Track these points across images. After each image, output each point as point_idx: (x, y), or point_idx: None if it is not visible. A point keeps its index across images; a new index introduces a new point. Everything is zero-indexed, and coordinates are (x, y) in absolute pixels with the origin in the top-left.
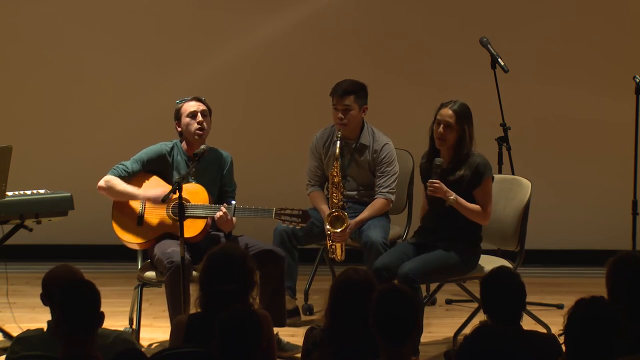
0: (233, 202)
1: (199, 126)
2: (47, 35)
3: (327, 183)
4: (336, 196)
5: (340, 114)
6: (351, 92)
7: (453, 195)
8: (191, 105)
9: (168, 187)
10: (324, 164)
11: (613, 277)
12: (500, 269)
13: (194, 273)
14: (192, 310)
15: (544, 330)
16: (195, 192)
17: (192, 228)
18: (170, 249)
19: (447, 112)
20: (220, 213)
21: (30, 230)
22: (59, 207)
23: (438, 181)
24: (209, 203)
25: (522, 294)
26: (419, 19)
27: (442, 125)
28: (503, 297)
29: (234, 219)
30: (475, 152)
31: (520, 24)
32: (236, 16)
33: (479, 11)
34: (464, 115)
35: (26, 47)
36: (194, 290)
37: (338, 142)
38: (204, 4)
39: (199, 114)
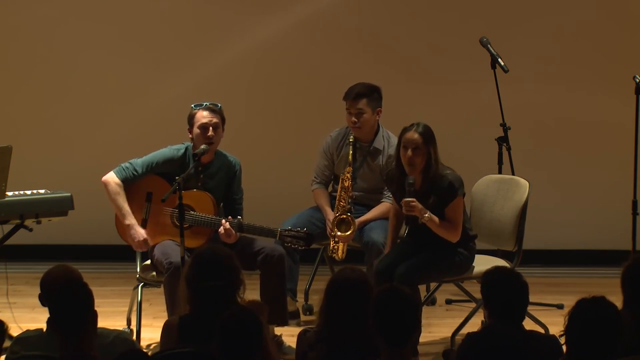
0: (239, 217)
1: (208, 140)
2: (47, 33)
3: (333, 183)
4: (344, 199)
5: (354, 117)
6: (364, 95)
7: (427, 213)
8: (204, 116)
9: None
10: (335, 165)
11: (629, 280)
12: (500, 267)
13: None
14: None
15: (543, 331)
16: (200, 200)
17: (196, 239)
18: (169, 250)
19: (413, 135)
20: (222, 231)
21: (30, 230)
22: (59, 207)
23: (414, 200)
24: (214, 212)
25: (524, 293)
26: (420, 18)
27: (409, 149)
28: (504, 296)
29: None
30: (446, 169)
31: (520, 23)
32: (238, 15)
33: (479, 10)
34: (428, 136)
35: (25, 46)
36: None
37: (351, 145)
38: (206, 2)
39: (210, 128)
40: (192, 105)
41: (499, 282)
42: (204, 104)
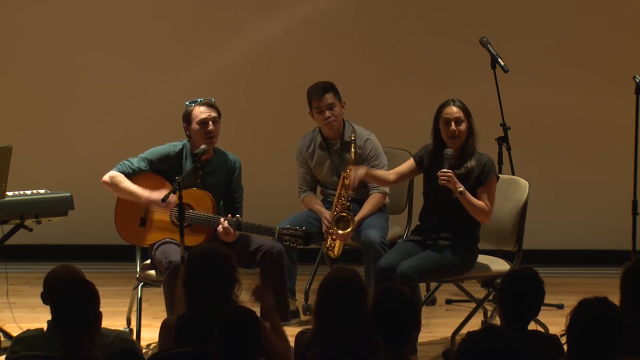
0: (237, 215)
1: (209, 135)
2: (47, 34)
3: (318, 186)
4: (344, 197)
5: (327, 112)
6: (329, 89)
7: (462, 188)
8: (202, 112)
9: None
10: (312, 169)
11: (629, 282)
12: (529, 269)
13: None
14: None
15: (543, 331)
16: (199, 199)
17: (194, 238)
18: (169, 249)
19: (453, 109)
20: (221, 229)
21: (30, 230)
22: (59, 207)
23: (450, 171)
24: (213, 210)
25: (541, 296)
26: (419, 18)
27: (453, 123)
28: (525, 297)
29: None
30: (480, 150)
31: (520, 23)
32: (236, 15)
33: (479, 10)
34: (467, 108)
35: (26, 46)
36: None
37: (352, 144)
38: (204, 3)
39: (210, 122)
40: (187, 103)
41: (523, 281)
42: (199, 100)
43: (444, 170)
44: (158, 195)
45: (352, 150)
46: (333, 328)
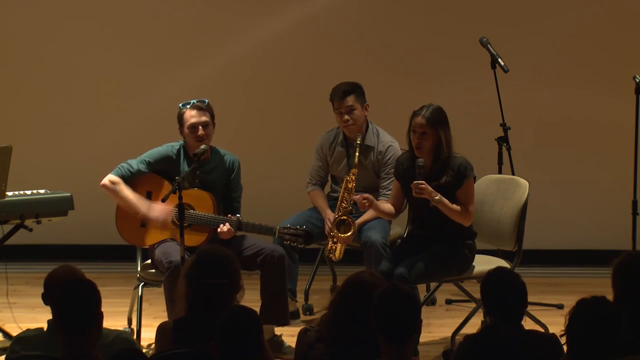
0: (237, 214)
1: (199, 139)
2: (47, 34)
3: (330, 183)
4: (346, 201)
5: (346, 115)
6: (350, 91)
7: (438, 196)
8: (192, 116)
9: (170, 206)
10: (329, 166)
11: (619, 278)
12: (499, 269)
13: None
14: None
15: (543, 331)
16: (200, 199)
17: (195, 238)
18: (169, 249)
19: (420, 120)
20: (225, 229)
21: (30, 230)
22: (59, 207)
23: (424, 182)
24: (214, 210)
25: (523, 293)
26: (419, 18)
27: (417, 134)
28: (503, 297)
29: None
30: (456, 153)
31: (520, 23)
32: (237, 15)
33: (479, 10)
34: (436, 120)
35: (25, 46)
36: None
37: (357, 147)
38: (205, 3)
39: (200, 127)
40: (180, 105)
41: (497, 282)
42: (192, 102)
43: (416, 182)
44: (155, 213)
45: (357, 154)
46: (346, 328)
